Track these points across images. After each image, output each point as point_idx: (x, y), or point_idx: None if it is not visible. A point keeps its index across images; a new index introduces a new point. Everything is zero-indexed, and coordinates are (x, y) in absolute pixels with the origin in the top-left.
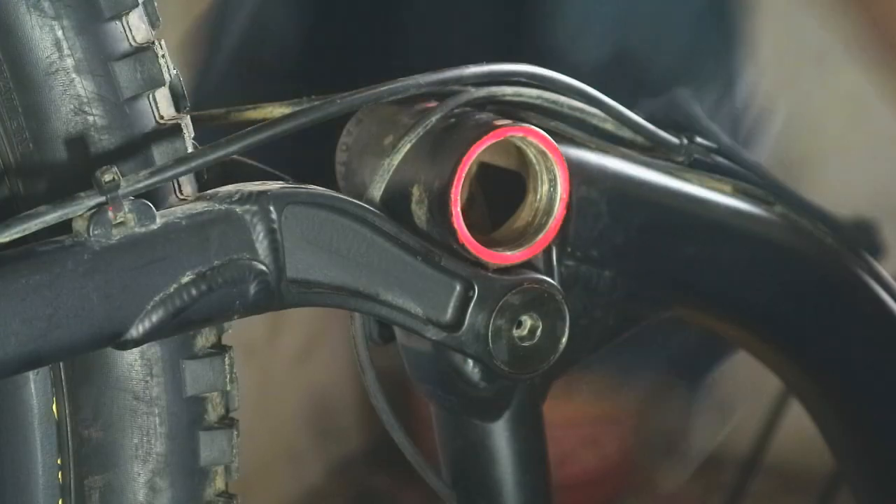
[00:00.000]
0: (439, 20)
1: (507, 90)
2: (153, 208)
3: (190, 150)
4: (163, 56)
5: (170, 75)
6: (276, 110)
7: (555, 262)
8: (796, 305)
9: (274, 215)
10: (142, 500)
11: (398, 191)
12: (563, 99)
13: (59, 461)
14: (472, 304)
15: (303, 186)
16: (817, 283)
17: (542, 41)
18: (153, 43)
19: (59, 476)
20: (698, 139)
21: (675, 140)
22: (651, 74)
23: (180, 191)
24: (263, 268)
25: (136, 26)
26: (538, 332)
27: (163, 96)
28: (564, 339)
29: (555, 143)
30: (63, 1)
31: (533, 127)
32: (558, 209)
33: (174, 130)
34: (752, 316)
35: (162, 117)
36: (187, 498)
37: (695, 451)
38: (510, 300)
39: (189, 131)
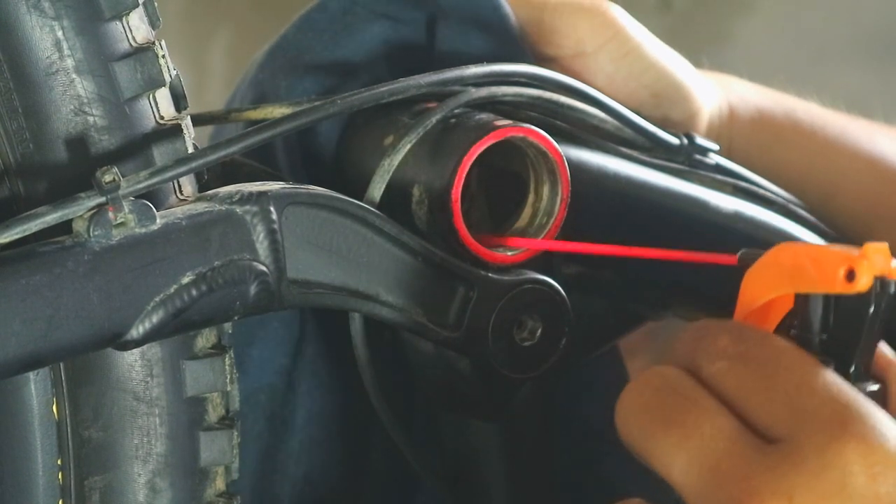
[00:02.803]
0: None
1: (508, 90)
2: (153, 209)
3: (190, 150)
4: (163, 56)
5: (170, 76)
6: (277, 110)
7: (555, 263)
8: None
9: (274, 216)
10: (142, 500)
11: (398, 191)
12: (563, 99)
13: (59, 462)
14: (472, 305)
15: (303, 187)
16: None
17: None
18: (153, 43)
19: (60, 476)
20: (698, 139)
21: (675, 140)
22: None
23: (181, 191)
24: (264, 268)
25: (136, 27)
26: (538, 333)
27: (163, 97)
28: (564, 340)
29: (555, 143)
30: (63, 1)
31: (533, 127)
32: (559, 209)
33: (174, 131)
34: None
35: (162, 118)
36: (187, 498)
37: None
38: (511, 301)
39: (189, 132)
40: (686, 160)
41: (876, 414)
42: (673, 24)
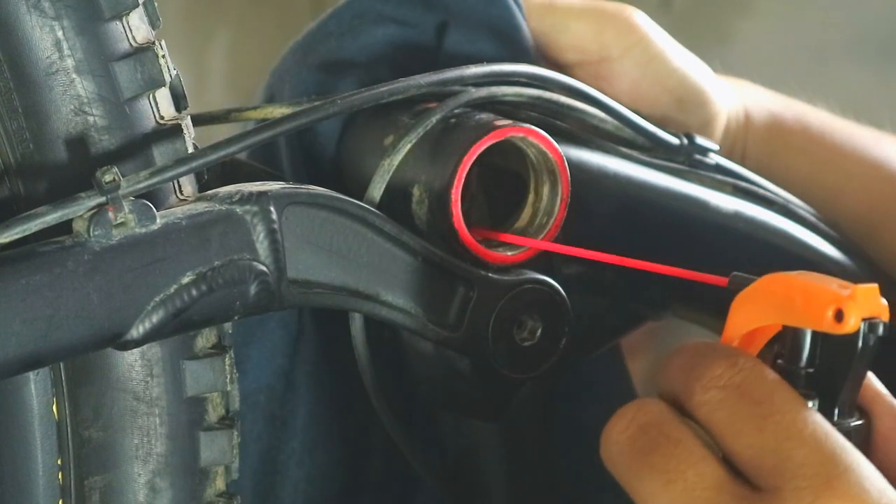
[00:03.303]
0: None
1: (508, 90)
2: (153, 209)
3: (190, 150)
4: (163, 56)
5: (170, 75)
6: (277, 110)
7: (555, 263)
8: None
9: (274, 216)
10: (142, 500)
11: (398, 191)
12: (563, 99)
13: (59, 462)
14: (472, 305)
15: (303, 186)
16: None
17: None
18: (153, 43)
19: (60, 476)
20: (698, 139)
21: (674, 140)
22: None
23: (181, 191)
24: (264, 268)
25: (136, 26)
26: (538, 333)
27: (163, 96)
28: (564, 340)
29: (555, 143)
30: (63, 1)
31: (533, 127)
32: (559, 209)
33: (174, 131)
34: None
35: (162, 118)
36: (187, 498)
37: None
38: (511, 301)
39: (189, 132)
40: (686, 160)
41: (860, 467)
42: (673, 24)
